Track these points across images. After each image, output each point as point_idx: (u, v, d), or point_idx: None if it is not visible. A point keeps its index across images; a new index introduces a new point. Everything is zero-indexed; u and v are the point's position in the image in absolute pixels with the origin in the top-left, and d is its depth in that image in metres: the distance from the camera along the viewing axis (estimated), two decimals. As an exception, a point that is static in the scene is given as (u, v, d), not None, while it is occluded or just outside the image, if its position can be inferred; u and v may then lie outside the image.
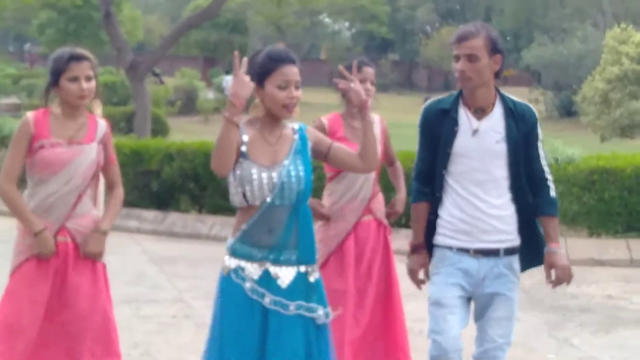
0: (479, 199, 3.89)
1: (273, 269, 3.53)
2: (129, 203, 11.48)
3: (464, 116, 3.90)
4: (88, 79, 4.15)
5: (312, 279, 3.61)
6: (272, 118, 3.62)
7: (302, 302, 3.54)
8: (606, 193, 9.76)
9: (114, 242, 9.12)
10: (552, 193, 4.02)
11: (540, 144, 4.02)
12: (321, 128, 4.88)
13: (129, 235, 10.49)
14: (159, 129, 20.39)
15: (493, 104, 3.93)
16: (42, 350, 4.14)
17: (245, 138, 3.54)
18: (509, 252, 3.95)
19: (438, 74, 56.55)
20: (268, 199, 3.51)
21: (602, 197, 9.79)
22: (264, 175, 3.51)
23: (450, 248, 3.94)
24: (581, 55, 33.01)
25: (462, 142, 3.88)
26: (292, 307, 3.52)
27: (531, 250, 4.01)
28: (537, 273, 8.63)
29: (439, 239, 3.99)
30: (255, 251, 3.53)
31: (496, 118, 3.91)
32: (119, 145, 12.07)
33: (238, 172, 3.51)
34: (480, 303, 4.03)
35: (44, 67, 37.44)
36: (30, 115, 4.19)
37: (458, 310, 3.96)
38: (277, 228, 3.54)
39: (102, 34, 21.77)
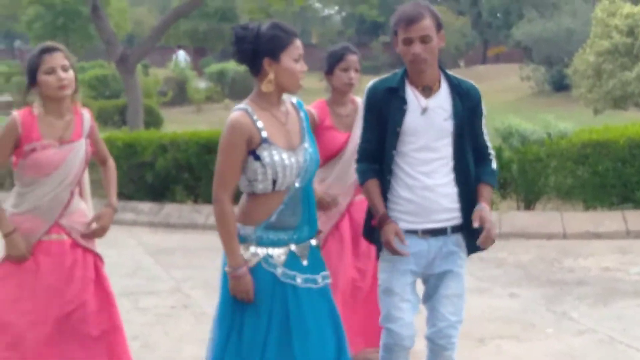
0: (428, 177, 3.86)
1: (296, 248, 3.54)
2: (124, 196, 11.51)
3: (412, 95, 3.87)
4: (64, 68, 4.10)
5: (316, 246, 3.67)
6: (279, 94, 3.55)
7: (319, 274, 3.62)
8: (600, 166, 9.75)
9: (110, 236, 9.18)
10: (494, 165, 4.03)
11: (484, 121, 4.02)
12: (312, 119, 4.80)
13: (126, 228, 10.48)
14: (152, 120, 20.31)
15: (439, 82, 3.91)
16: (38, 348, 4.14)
17: (260, 124, 3.46)
18: (456, 229, 3.94)
19: (429, 54, 56.46)
20: (297, 184, 3.51)
21: (596, 170, 9.78)
22: (293, 159, 3.48)
23: None
24: (571, 29, 32.86)
25: (412, 120, 3.84)
26: (319, 279, 3.60)
27: (472, 234, 3.92)
28: (533, 249, 8.74)
29: None
30: (282, 235, 3.52)
31: (443, 96, 3.89)
32: (112, 139, 12.09)
33: (267, 159, 3.42)
34: (431, 283, 4.01)
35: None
36: (17, 115, 4.14)
37: (409, 297, 3.94)
38: (298, 208, 3.54)
39: (90, 28, 21.65)
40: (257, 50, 3.43)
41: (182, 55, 35.45)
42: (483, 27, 50.24)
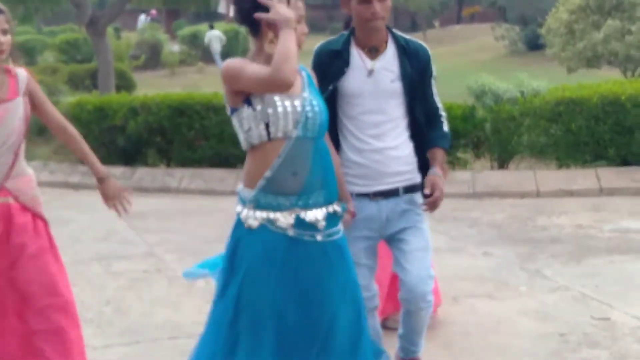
0: (377, 140, 3.82)
1: (305, 214, 3.33)
2: (95, 160, 11.40)
3: (357, 57, 3.82)
4: (4, 32, 3.92)
5: (338, 211, 3.46)
6: None
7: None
8: (573, 124, 9.77)
9: (82, 200, 9.06)
10: (445, 128, 3.99)
11: (433, 82, 3.97)
12: None
13: (97, 192, 10.37)
14: (125, 84, 20.14)
15: (386, 43, 3.86)
16: None
17: None
18: (409, 190, 3.90)
19: (404, 15, 56.28)
20: (294, 134, 3.28)
21: (569, 128, 9.80)
22: (287, 103, 3.28)
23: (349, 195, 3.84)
24: (545, -13, 32.98)
25: (357, 83, 3.79)
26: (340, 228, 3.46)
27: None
28: (507, 208, 8.77)
29: None
30: (282, 200, 3.31)
31: (389, 57, 3.84)
32: (83, 103, 11.98)
33: (259, 106, 3.25)
34: (394, 245, 3.96)
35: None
36: None
37: (364, 262, 3.90)
38: (302, 169, 3.32)
39: (59, -10, 21.33)
40: (256, 9, 3.29)
41: (141, 20, 36.28)
42: (457, -14, 50.15)
